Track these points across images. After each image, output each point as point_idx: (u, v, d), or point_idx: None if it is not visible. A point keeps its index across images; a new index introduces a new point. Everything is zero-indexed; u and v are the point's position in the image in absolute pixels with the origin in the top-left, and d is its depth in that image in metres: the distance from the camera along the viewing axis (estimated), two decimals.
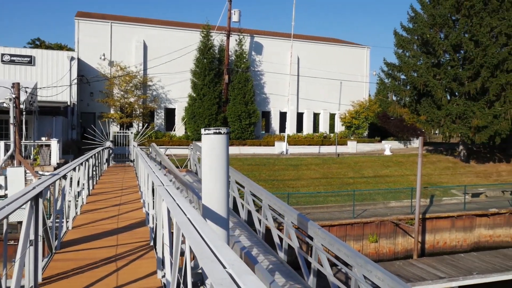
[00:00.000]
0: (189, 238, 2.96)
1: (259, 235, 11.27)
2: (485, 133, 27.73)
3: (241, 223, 12.33)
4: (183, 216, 3.72)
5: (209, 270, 2.18)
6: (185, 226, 3.33)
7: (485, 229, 22.10)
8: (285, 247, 9.86)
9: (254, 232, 11.54)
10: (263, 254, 9.90)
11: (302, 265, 8.96)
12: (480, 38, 27.62)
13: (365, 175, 26.44)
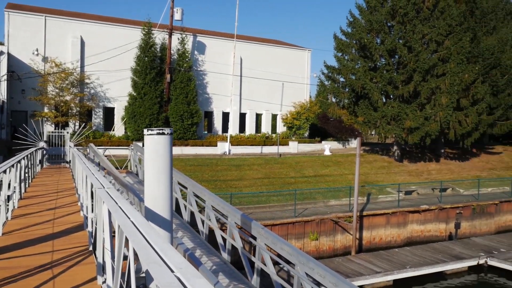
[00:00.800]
0: (134, 242, 2.89)
1: (202, 236, 11.20)
2: (417, 134, 29.29)
3: (184, 225, 12.19)
4: (126, 219, 3.62)
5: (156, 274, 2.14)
6: (128, 229, 3.24)
7: (417, 224, 23.38)
8: (229, 247, 9.87)
9: (197, 233, 11.45)
10: (207, 255, 9.85)
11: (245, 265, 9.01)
12: (413, 44, 29.17)
13: (306, 175, 27.06)
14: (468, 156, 36.47)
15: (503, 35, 35.16)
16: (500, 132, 37.06)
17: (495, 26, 36.50)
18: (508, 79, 34.68)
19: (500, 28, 36.79)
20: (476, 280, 18.34)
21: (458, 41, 30.06)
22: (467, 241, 22.18)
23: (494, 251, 20.16)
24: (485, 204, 25.50)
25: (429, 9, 30.25)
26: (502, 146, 42.47)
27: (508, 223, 26.86)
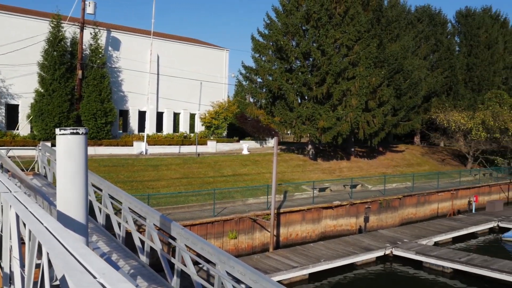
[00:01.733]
0: (49, 248, 2.74)
1: (119, 240, 10.82)
2: (329, 134, 30.73)
3: (99, 228, 11.69)
4: (38, 224, 3.41)
5: (77, 281, 2.05)
6: (42, 235, 3.06)
7: (330, 219, 24.56)
8: (147, 250, 9.65)
9: (114, 236, 11.04)
10: (124, 259, 9.54)
11: (165, 266, 8.87)
12: (325, 48, 30.55)
13: (225, 174, 27.20)
14: (375, 154, 39.04)
15: (405, 42, 38.13)
16: (402, 132, 40.21)
17: (398, 34, 39.45)
18: (410, 83, 37.69)
19: (402, 36, 39.84)
20: (383, 269, 19.72)
21: (366, 47, 32.04)
22: (375, 233, 23.75)
23: (398, 241, 21.81)
24: (390, 199, 27.49)
25: (340, 15, 31.89)
26: (404, 145, 46.08)
27: (410, 215, 29.22)
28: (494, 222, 27.98)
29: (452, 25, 55.10)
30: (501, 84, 53.34)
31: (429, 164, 41.24)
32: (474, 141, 40.79)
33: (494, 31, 53.90)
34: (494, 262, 18.59)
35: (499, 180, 38.30)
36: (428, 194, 30.54)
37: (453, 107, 43.92)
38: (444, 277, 18.63)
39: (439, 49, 47.47)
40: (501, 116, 39.06)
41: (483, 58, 51.11)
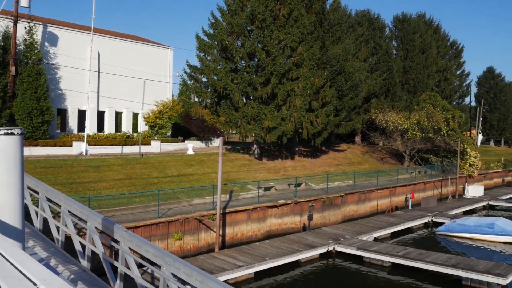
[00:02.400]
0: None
1: (58, 244, 10.36)
2: (274, 134, 31.13)
3: (35, 233, 11.12)
4: None
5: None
6: None
7: (275, 218, 24.89)
8: (89, 254, 9.31)
9: (52, 241, 10.55)
10: (63, 264, 9.15)
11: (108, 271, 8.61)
12: (270, 48, 30.90)
13: (169, 174, 26.79)
14: (319, 154, 40.04)
15: (347, 45, 39.39)
16: (344, 132, 41.55)
17: (340, 36, 40.70)
18: (351, 84, 38.99)
19: (344, 39, 41.13)
20: (326, 265, 20.28)
21: (309, 48, 32.77)
22: (318, 230, 24.36)
23: (340, 238, 22.50)
24: (333, 197, 28.30)
25: (284, 16, 32.38)
26: (346, 144, 47.62)
27: (351, 212, 30.24)
28: (428, 217, 29.59)
29: (390, 30, 57.74)
30: (434, 86, 56.61)
31: (369, 162, 42.89)
32: (410, 140, 42.93)
33: (428, 36, 57.07)
34: (429, 255, 19.66)
35: (432, 178, 40.55)
36: (368, 192, 31.76)
37: (391, 108, 45.98)
38: (383, 271, 19.46)
39: (378, 52, 49.51)
40: (435, 116, 41.38)
41: (418, 62, 53.94)
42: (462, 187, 40.94)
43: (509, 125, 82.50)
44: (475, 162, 43.36)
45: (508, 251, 23.54)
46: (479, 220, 27.04)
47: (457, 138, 41.05)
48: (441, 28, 64.91)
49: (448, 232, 26.32)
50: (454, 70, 66.49)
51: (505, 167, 56.00)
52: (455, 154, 40.50)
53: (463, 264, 18.26)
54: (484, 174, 48.47)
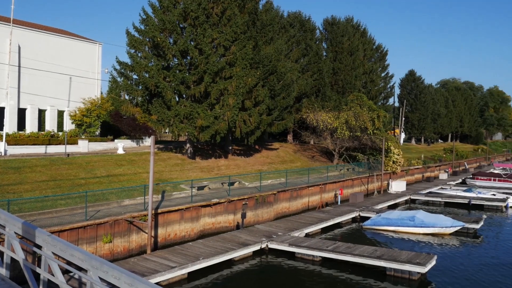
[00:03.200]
0: None
1: None
2: (207, 132, 30.96)
3: None
4: None
5: None
6: None
7: (209, 217, 24.78)
8: (8, 261, 8.70)
9: None
10: None
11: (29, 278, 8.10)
12: (203, 47, 30.69)
13: (98, 175, 25.76)
14: (252, 152, 40.43)
15: (279, 45, 40.09)
16: (277, 131, 42.30)
17: (272, 37, 41.32)
18: (283, 84, 39.76)
19: (276, 40, 41.83)
20: (259, 262, 20.53)
21: (242, 48, 32.96)
22: (251, 228, 24.59)
23: (273, 235, 22.89)
24: (266, 195, 28.71)
25: (217, 15, 32.30)
26: (279, 143, 48.54)
27: (284, 210, 30.87)
28: (356, 212, 30.95)
29: (320, 32, 59.56)
30: (361, 87, 59.34)
31: (301, 160, 44.01)
32: (339, 139, 44.64)
33: (355, 39, 59.63)
34: (356, 248, 20.56)
35: (360, 174, 42.47)
36: (300, 189, 32.59)
37: (321, 107, 47.52)
38: (314, 265, 20.07)
39: (309, 53, 50.90)
40: (361, 116, 43.35)
41: (346, 64, 56.20)
42: (386, 183, 43.28)
43: (428, 124, 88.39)
44: (398, 159, 45.98)
45: (427, 242, 25.24)
46: (402, 213, 28.73)
47: (382, 136, 43.31)
48: (367, 32, 68.09)
49: (374, 226, 27.70)
50: (379, 72, 70.04)
51: (424, 163, 59.97)
52: (380, 152, 42.69)
53: (387, 256, 19.31)
54: (406, 170, 51.57)
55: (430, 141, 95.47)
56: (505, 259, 22.35)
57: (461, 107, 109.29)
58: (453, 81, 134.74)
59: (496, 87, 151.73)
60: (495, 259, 22.22)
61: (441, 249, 23.80)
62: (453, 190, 43.76)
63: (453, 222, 27.13)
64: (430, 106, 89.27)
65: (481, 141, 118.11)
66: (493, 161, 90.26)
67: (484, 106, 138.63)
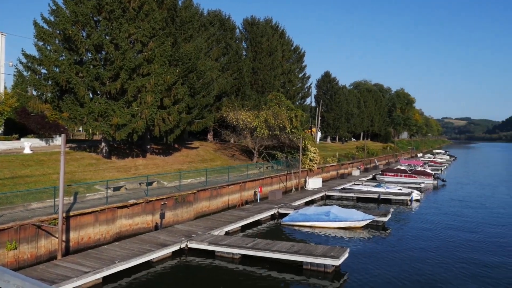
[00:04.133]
0: None
1: None
2: (124, 131, 29.86)
3: None
4: None
5: None
6: None
7: (125, 219, 23.93)
8: None
9: None
10: None
11: None
12: (119, 42, 29.52)
13: (1, 177, 23.74)
14: (171, 151, 39.71)
15: (198, 43, 39.80)
16: (197, 129, 41.97)
17: (192, 34, 40.90)
18: (203, 82, 39.54)
19: (196, 37, 41.48)
20: (179, 262, 20.22)
21: (161, 44, 32.22)
22: (171, 229, 24.15)
23: (193, 234, 22.66)
24: (185, 194, 28.36)
25: (134, 10, 31.23)
26: (199, 142, 48.18)
27: (204, 209, 30.72)
28: (275, 209, 31.66)
29: (240, 31, 60.05)
30: (280, 87, 60.83)
31: (221, 159, 44.07)
32: (258, 137, 45.36)
33: (274, 40, 60.98)
34: (275, 244, 21.03)
35: (278, 172, 43.50)
36: (220, 188, 32.62)
37: (241, 106, 47.95)
38: (234, 263, 20.20)
39: (229, 52, 51.10)
40: (280, 115, 44.43)
41: (265, 64, 57.26)
42: (304, 180, 44.78)
43: (343, 123, 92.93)
44: (314, 157, 47.80)
45: (341, 235, 26.52)
46: (318, 209, 29.90)
47: (300, 135, 44.73)
48: (285, 34, 69.95)
49: (292, 222, 28.54)
50: (297, 73, 72.34)
51: (339, 161, 62.98)
52: (298, 150, 44.06)
53: (304, 250, 19.99)
54: (322, 167, 53.77)
55: (344, 140, 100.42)
56: (409, 247, 24.17)
57: (372, 107, 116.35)
58: (364, 83, 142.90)
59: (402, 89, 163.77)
60: (401, 248, 23.94)
61: (353, 241, 25.14)
62: (364, 185, 46.43)
63: (364, 216, 28.78)
64: (344, 107, 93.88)
65: (389, 139, 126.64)
66: (400, 158, 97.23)
67: (392, 107, 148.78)
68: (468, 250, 23.99)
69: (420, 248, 24.21)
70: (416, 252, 23.34)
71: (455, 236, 27.20)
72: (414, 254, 22.94)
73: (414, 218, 33.76)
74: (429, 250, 23.74)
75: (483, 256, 22.78)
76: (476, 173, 78.26)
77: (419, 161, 78.99)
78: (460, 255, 22.81)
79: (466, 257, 22.51)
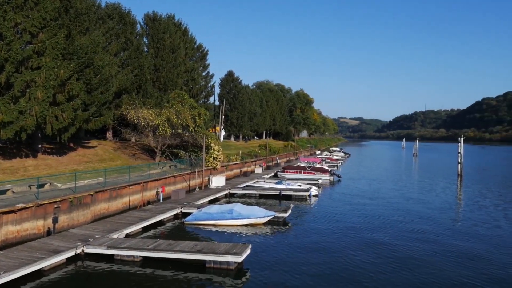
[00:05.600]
0: None
1: None
2: (11, 129, 27.35)
3: None
4: None
5: None
6: None
7: (12, 225, 21.91)
8: None
9: None
10: None
11: None
12: (4, 31, 26.91)
13: None
14: (66, 151, 37.19)
15: (96, 37, 37.72)
16: (95, 128, 39.78)
17: (88, 27, 38.66)
18: (101, 78, 37.58)
19: (93, 30, 39.29)
20: (74, 269, 18.99)
21: (53, 36, 30.01)
22: (65, 233, 22.62)
23: (90, 238, 21.44)
24: (82, 196, 26.73)
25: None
26: (97, 141, 45.75)
27: (102, 211, 29.25)
28: (178, 209, 31.20)
29: (141, 27, 58.12)
30: (183, 85, 60.09)
31: (121, 159, 42.34)
32: (161, 136, 44.39)
33: (177, 37, 60.06)
34: (177, 245, 20.71)
35: (182, 171, 42.95)
36: (120, 188, 31.30)
37: (142, 104, 46.52)
38: (135, 266, 19.51)
39: (129, 48, 49.20)
40: (183, 114, 43.90)
41: (168, 61, 56.17)
42: (207, 179, 44.77)
43: (246, 122, 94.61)
44: (218, 155, 47.97)
45: (243, 232, 26.96)
46: (221, 207, 30.08)
47: (203, 134, 44.61)
48: (188, 31, 69.28)
49: (195, 221, 28.37)
50: (201, 71, 72.05)
51: (242, 159, 64.01)
52: (201, 149, 43.92)
53: (207, 249, 19.96)
54: (226, 166, 54.20)
55: (247, 138, 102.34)
56: (308, 240, 25.35)
57: (273, 107, 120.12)
58: (267, 83, 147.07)
59: (302, 90, 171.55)
60: (301, 242, 25.03)
61: (256, 238, 25.72)
62: (266, 183, 47.72)
63: (266, 213, 29.57)
64: (247, 106, 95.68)
65: (290, 138, 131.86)
66: (300, 155, 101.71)
67: (292, 106, 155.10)
68: (360, 237, 25.83)
69: (318, 240, 25.51)
70: (314, 244, 24.55)
71: (349, 227, 29.11)
72: (312, 246, 24.11)
73: (312, 212, 35.51)
74: (326, 241, 25.12)
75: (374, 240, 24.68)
76: (367, 168, 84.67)
77: (317, 159, 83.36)
78: (354, 243, 24.48)
79: (359, 243, 24.20)
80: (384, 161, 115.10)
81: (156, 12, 59.83)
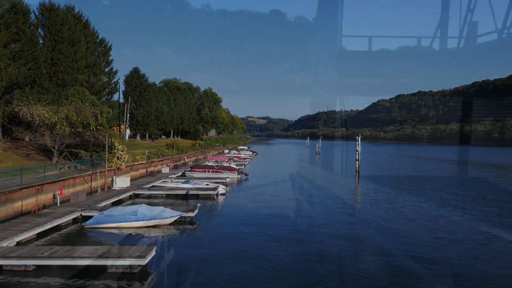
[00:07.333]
0: None
1: None
2: None
3: None
4: None
5: None
6: None
7: None
8: None
9: None
10: None
11: None
12: None
13: None
14: None
15: None
16: None
17: None
18: None
19: None
20: None
21: None
22: None
23: None
24: None
25: None
26: None
27: None
28: (77, 212, 29.43)
29: (36, 17, 53.75)
30: (84, 81, 56.74)
31: (12, 160, 38.88)
32: (59, 135, 41.50)
33: (77, 30, 56.60)
34: (76, 250, 19.52)
35: (82, 172, 40.56)
36: (10, 192, 28.70)
37: (37, 100, 43.07)
38: (27, 276, 18.04)
39: (21, 39, 45.27)
40: (83, 111, 41.50)
41: (67, 55, 52.74)
42: (111, 180, 42.82)
43: (153, 121, 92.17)
44: (122, 155, 46.14)
45: (149, 234, 26.25)
46: (125, 209, 28.96)
47: (106, 133, 42.58)
48: (90, 25, 65.50)
49: (97, 225, 26.99)
50: (103, 67, 68.61)
51: (148, 158, 62.24)
52: (104, 148, 41.90)
53: (108, 253, 19.09)
54: (131, 166, 52.28)
55: (154, 137, 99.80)
56: (215, 239, 25.44)
57: (181, 105, 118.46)
58: (174, 81, 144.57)
59: (210, 88, 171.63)
60: (207, 240, 25.04)
61: (161, 239, 25.17)
62: (173, 182, 46.90)
63: (172, 213, 29.07)
64: (154, 104, 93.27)
65: (198, 137, 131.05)
66: (208, 154, 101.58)
67: (201, 105, 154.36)
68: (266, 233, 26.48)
69: (224, 238, 25.69)
70: (221, 242, 24.69)
71: (255, 224, 29.72)
72: (218, 244, 24.22)
73: (219, 211, 35.67)
74: (232, 239, 25.39)
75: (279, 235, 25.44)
76: (273, 167, 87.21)
77: (225, 157, 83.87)
78: (260, 239, 25.02)
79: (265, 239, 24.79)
80: (290, 159, 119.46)
81: (53, 2, 55.75)
